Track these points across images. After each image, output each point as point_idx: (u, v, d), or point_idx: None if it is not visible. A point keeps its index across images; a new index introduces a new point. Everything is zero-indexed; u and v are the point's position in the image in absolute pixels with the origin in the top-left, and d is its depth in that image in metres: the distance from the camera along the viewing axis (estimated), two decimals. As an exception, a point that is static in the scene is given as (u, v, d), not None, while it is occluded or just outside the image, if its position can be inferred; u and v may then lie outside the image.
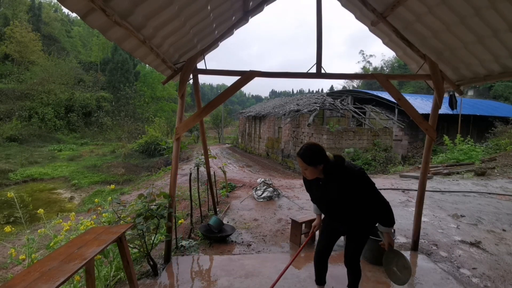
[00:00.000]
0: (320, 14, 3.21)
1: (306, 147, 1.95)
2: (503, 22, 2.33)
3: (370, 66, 48.48)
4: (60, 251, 1.96)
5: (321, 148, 1.95)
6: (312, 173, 1.96)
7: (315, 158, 1.91)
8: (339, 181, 1.94)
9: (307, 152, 1.92)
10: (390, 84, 3.23)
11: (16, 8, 36.69)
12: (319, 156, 1.91)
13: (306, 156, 1.92)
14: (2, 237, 4.82)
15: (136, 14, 2.09)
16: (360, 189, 1.95)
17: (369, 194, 1.98)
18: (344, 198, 1.98)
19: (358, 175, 1.94)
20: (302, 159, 1.93)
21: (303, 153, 1.94)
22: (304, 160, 1.92)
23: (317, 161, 1.91)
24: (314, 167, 1.92)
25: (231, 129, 43.45)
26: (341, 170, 1.93)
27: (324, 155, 1.92)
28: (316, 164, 1.91)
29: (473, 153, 10.93)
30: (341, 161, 1.95)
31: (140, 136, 24.96)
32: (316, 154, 1.91)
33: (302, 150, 1.95)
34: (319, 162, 1.91)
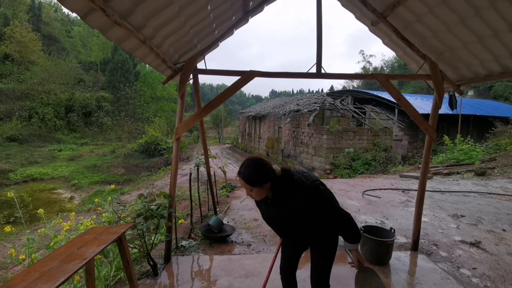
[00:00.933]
0: (320, 14, 3.21)
1: (247, 165, 1.63)
2: (503, 22, 2.33)
3: (370, 66, 48.52)
4: (60, 251, 1.96)
5: (264, 163, 1.64)
6: (259, 194, 1.66)
7: (259, 177, 1.60)
8: (289, 199, 1.65)
9: (249, 171, 1.61)
10: (390, 84, 3.23)
11: (16, 8, 36.69)
12: (263, 174, 1.61)
13: (248, 176, 1.60)
14: (2, 237, 4.82)
15: (136, 14, 2.09)
16: (315, 205, 1.65)
17: (327, 210, 1.69)
18: (297, 218, 1.70)
19: (311, 190, 1.63)
20: (245, 180, 1.61)
21: (244, 173, 1.61)
22: (247, 181, 1.61)
23: (262, 180, 1.61)
24: (259, 188, 1.62)
25: (231, 129, 43.45)
26: (290, 186, 1.64)
27: (269, 171, 1.62)
28: (261, 184, 1.61)
29: (473, 153, 10.93)
30: (288, 176, 1.66)
31: (140, 136, 24.98)
32: (259, 173, 1.61)
33: (243, 169, 1.63)
34: (265, 181, 1.61)
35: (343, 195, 6.54)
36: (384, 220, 4.81)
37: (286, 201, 1.67)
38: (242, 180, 1.63)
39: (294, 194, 1.64)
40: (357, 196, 6.45)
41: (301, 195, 1.63)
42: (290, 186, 1.65)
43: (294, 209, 1.66)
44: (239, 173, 1.64)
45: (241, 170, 1.64)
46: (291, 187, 1.65)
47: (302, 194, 1.63)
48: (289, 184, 1.65)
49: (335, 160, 12.92)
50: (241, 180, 1.63)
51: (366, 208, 5.50)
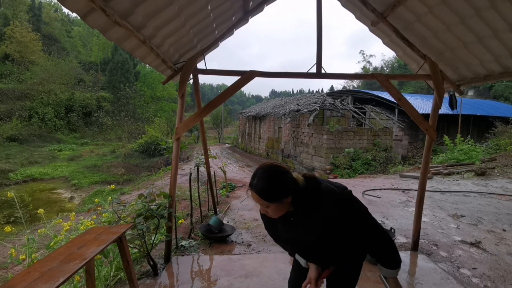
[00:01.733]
0: (320, 14, 3.21)
1: (261, 175, 1.27)
2: (503, 22, 2.33)
3: (370, 66, 48.52)
4: (60, 251, 1.96)
5: (283, 172, 1.28)
6: (278, 211, 1.32)
7: (277, 191, 1.25)
8: (318, 213, 1.33)
9: (264, 184, 1.25)
10: (390, 84, 3.23)
11: (16, 8, 36.70)
12: (282, 185, 1.25)
13: (264, 189, 1.25)
14: (2, 237, 4.82)
15: (136, 14, 2.09)
16: (348, 219, 1.33)
17: (363, 226, 1.35)
18: (327, 237, 1.40)
19: (344, 200, 1.32)
20: (259, 195, 1.26)
21: (258, 186, 1.26)
22: (262, 196, 1.25)
23: (282, 194, 1.25)
24: (278, 203, 1.27)
25: (231, 129, 43.49)
26: (317, 197, 1.31)
27: (289, 182, 1.27)
28: (280, 198, 1.26)
29: (473, 153, 10.93)
30: (315, 185, 1.33)
31: (140, 136, 24.99)
32: (278, 185, 1.25)
33: (256, 180, 1.27)
34: (285, 195, 1.26)
35: (343, 195, 6.53)
36: (384, 220, 4.80)
37: (313, 217, 1.34)
38: (255, 195, 1.27)
39: (323, 207, 1.32)
40: (357, 196, 6.44)
41: (333, 207, 1.31)
42: (317, 197, 1.31)
43: (324, 226, 1.35)
44: (251, 185, 1.29)
45: (253, 181, 1.27)
46: (318, 198, 1.31)
47: (333, 206, 1.31)
48: (316, 195, 1.31)
49: (335, 160, 12.93)
50: (254, 194, 1.27)
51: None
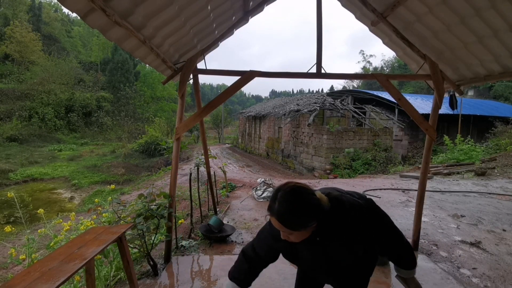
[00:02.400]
0: (320, 14, 3.21)
1: (282, 198, 1.10)
2: (503, 22, 2.33)
3: (370, 66, 48.53)
4: (60, 251, 1.96)
5: (308, 194, 1.11)
6: (301, 236, 1.16)
7: (302, 218, 1.09)
8: (348, 233, 1.19)
9: (287, 209, 1.08)
10: (390, 84, 3.23)
11: (16, 8, 36.70)
12: (308, 211, 1.09)
13: (287, 216, 1.09)
14: (2, 237, 4.82)
15: (136, 14, 2.09)
16: (377, 232, 1.23)
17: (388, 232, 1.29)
18: (359, 257, 1.25)
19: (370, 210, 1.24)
20: (282, 222, 1.10)
21: (279, 212, 1.09)
22: (285, 224, 1.10)
23: (307, 221, 1.10)
24: (304, 230, 1.13)
25: (231, 129, 43.49)
26: (345, 216, 1.18)
27: (315, 206, 1.11)
28: (305, 225, 1.11)
29: (473, 153, 10.93)
30: (340, 204, 1.20)
31: (140, 136, 25.00)
32: (303, 210, 1.09)
33: (277, 204, 1.10)
34: (310, 221, 1.11)
35: (343, 195, 6.53)
36: (384, 220, 4.80)
37: (344, 239, 1.19)
38: (277, 222, 1.11)
39: (353, 226, 1.18)
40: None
41: (362, 222, 1.19)
42: (344, 217, 1.18)
43: (361, 244, 1.21)
44: (271, 210, 1.12)
45: (273, 205, 1.11)
46: (345, 218, 1.18)
47: (363, 221, 1.19)
48: (343, 216, 1.18)
49: (335, 160, 12.93)
50: (275, 221, 1.11)
51: (366, 208, 5.49)
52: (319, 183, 8.21)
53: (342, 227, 1.19)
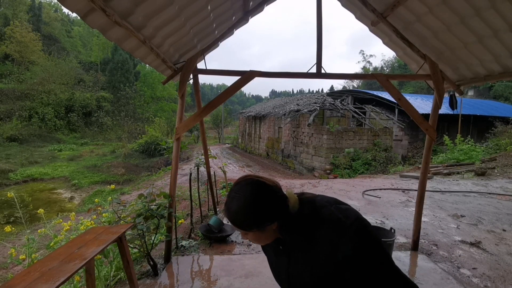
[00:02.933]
0: (320, 14, 3.21)
1: (236, 194, 0.98)
2: (503, 22, 2.33)
3: (370, 66, 48.54)
4: (60, 251, 1.96)
5: (266, 190, 0.97)
6: (260, 239, 1.03)
7: (255, 217, 0.95)
8: (313, 247, 0.97)
9: (238, 207, 0.96)
10: (390, 84, 3.23)
11: (16, 8, 36.71)
12: (263, 209, 0.95)
13: (238, 214, 0.97)
14: (2, 237, 4.83)
15: (136, 14, 2.09)
16: (361, 262, 0.91)
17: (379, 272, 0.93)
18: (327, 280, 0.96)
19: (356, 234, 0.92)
20: (231, 221, 0.99)
21: (229, 208, 0.98)
22: (235, 222, 0.98)
23: (261, 220, 0.95)
24: (257, 231, 0.98)
25: (231, 129, 43.50)
26: (315, 226, 0.97)
27: (274, 204, 0.97)
28: (258, 225, 0.96)
29: (473, 153, 10.93)
30: (313, 210, 0.99)
31: (140, 136, 25.01)
32: (256, 208, 0.95)
33: (229, 200, 0.99)
34: (265, 221, 0.96)
35: (343, 195, 6.54)
36: (384, 220, 4.81)
37: (308, 252, 0.98)
38: (229, 220, 0.99)
39: (321, 240, 0.95)
40: (357, 196, 6.45)
41: (336, 242, 0.93)
42: (313, 227, 0.97)
43: (323, 266, 0.95)
44: (225, 206, 1.01)
45: (227, 202, 1.00)
46: (314, 228, 0.97)
47: (337, 241, 0.92)
48: (312, 224, 0.97)
49: (335, 160, 12.93)
50: (228, 218, 1.00)
51: (366, 208, 5.50)
52: (319, 183, 8.21)
53: (308, 238, 0.97)
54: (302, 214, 0.99)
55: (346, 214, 0.97)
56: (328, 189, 7.29)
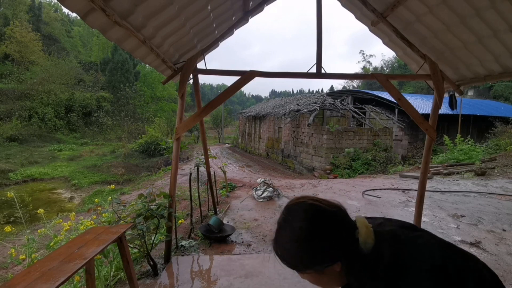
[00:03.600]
0: (320, 14, 3.21)
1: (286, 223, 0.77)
2: (503, 22, 2.33)
3: (370, 66, 48.52)
4: (60, 251, 1.96)
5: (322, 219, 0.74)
6: (318, 281, 0.80)
7: (307, 255, 0.74)
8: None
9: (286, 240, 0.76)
10: (390, 84, 3.23)
11: (16, 8, 36.70)
12: (317, 246, 0.72)
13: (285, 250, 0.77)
14: (2, 237, 4.82)
15: (136, 14, 2.09)
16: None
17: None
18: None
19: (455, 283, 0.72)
20: (280, 258, 0.77)
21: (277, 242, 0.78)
22: (285, 260, 0.77)
23: (316, 260, 0.74)
24: (314, 272, 0.77)
25: (231, 129, 43.50)
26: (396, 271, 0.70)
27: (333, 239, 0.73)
28: (314, 266, 0.75)
29: (473, 153, 10.93)
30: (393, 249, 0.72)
31: (140, 136, 25.00)
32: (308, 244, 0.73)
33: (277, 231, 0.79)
34: (323, 261, 0.74)
35: (343, 195, 6.54)
36: (384, 220, 4.80)
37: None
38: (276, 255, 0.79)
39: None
40: (357, 196, 6.45)
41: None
42: (398, 274, 0.69)
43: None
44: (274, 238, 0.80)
45: (276, 231, 0.79)
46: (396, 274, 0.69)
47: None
48: (398, 271, 0.69)
49: (335, 160, 12.93)
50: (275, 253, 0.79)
51: (366, 208, 5.50)
52: (319, 183, 8.21)
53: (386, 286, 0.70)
54: (379, 254, 0.70)
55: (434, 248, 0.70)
56: (328, 189, 7.29)
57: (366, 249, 0.70)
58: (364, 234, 0.71)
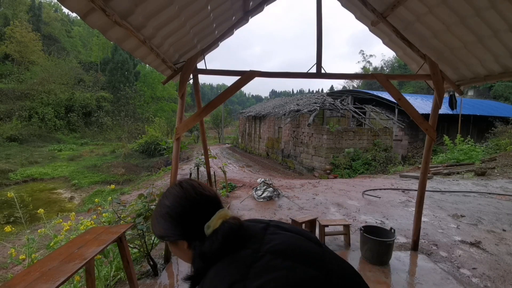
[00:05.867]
0: (320, 14, 3.21)
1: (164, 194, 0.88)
2: (503, 22, 2.33)
3: (370, 66, 48.50)
4: (60, 251, 1.96)
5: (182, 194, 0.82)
6: (176, 253, 0.87)
7: (157, 222, 0.84)
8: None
9: (155, 208, 0.88)
10: (390, 84, 3.23)
11: (16, 8, 36.70)
12: (166, 216, 0.81)
13: (153, 216, 0.88)
14: (2, 237, 4.82)
15: (136, 14, 2.09)
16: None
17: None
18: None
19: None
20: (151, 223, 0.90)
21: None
22: (152, 225, 0.89)
23: (164, 229, 0.83)
24: (169, 241, 0.85)
25: (231, 129, 43.49)
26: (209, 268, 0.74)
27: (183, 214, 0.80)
28: (163, 235, 0.84)
29: (473, 153, 10.93)
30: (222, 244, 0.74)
31: (140, 136, 25.00)
32: (159, 212, 0.84)
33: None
34: (169, 231, 0.82)
35: (343, 195, 6.54)
36: (384, 220, 4.81)
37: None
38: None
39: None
40: (357, 196, 6.45)
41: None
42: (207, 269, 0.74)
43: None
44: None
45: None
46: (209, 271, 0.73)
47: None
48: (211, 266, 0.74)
49: (335, 160, 12.92)
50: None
51: (366, 208, 5.50)
52: (319, 183, 8.21)
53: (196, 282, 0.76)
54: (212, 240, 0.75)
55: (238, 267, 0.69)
56: (328, 189, 7.29)
57: (207, 234, 0.77)
58: (212, 223, 0.78)
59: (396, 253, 3.47)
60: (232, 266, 0.70)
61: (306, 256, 0.75)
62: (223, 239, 0.74)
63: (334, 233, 3.88)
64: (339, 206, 5.66)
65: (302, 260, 0.72)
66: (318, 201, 5.99)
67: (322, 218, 4.75)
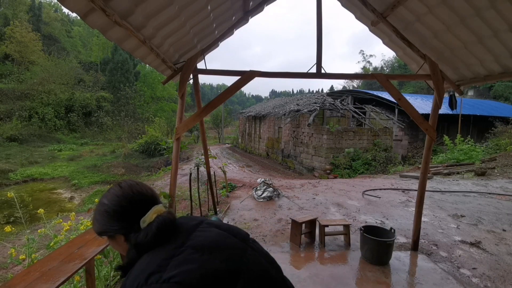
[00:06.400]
0: (320, 14, 3.21)
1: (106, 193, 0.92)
2: (503, 22, 2.33)
3: (370, 66, 48.50)
4: (60, 251, 1.96)
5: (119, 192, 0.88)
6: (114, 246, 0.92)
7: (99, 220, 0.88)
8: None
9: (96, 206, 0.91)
10: (390, 84, 3.23)
11: (16, 8, 36.71)
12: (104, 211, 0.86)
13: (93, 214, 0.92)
14: (2, 237, 4.82)
15: (136, 14, 2.09)
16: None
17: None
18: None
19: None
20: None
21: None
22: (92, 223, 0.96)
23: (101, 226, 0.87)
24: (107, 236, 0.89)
25: (231, 129, 43.49)
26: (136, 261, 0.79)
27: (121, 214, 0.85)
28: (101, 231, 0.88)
29: (473, 153, 10.93)
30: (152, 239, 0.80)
31: (140, 136, 24.99)
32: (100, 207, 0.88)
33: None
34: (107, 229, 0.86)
35: (343, 195, 6.54)
36: (384, 220, 4.81)
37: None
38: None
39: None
40: (357, 196, 6.45)
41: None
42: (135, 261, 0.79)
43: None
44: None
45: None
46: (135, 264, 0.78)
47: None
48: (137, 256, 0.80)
49: (335, 160, 12.93)
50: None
51: (366, 208, 5.50)
52: (319, 183, 8.21)
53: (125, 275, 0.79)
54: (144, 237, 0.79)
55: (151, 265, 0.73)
56: (328, 189, 7.29)
57: (142, 227, 0.83)
58: (147, 217, 0.84)
59: (396, 253, 3.47)
60: (154, 259, 0.75)
61: (224, 251, 0.80)
62: (157, 229, 0.80)
63: (334, 233, 3.89)
64: (339, 206, 5.67)
65: (218, 254, 0.78)
66: (318, 201, 5.99)
67: (322, 218, 4.75)
